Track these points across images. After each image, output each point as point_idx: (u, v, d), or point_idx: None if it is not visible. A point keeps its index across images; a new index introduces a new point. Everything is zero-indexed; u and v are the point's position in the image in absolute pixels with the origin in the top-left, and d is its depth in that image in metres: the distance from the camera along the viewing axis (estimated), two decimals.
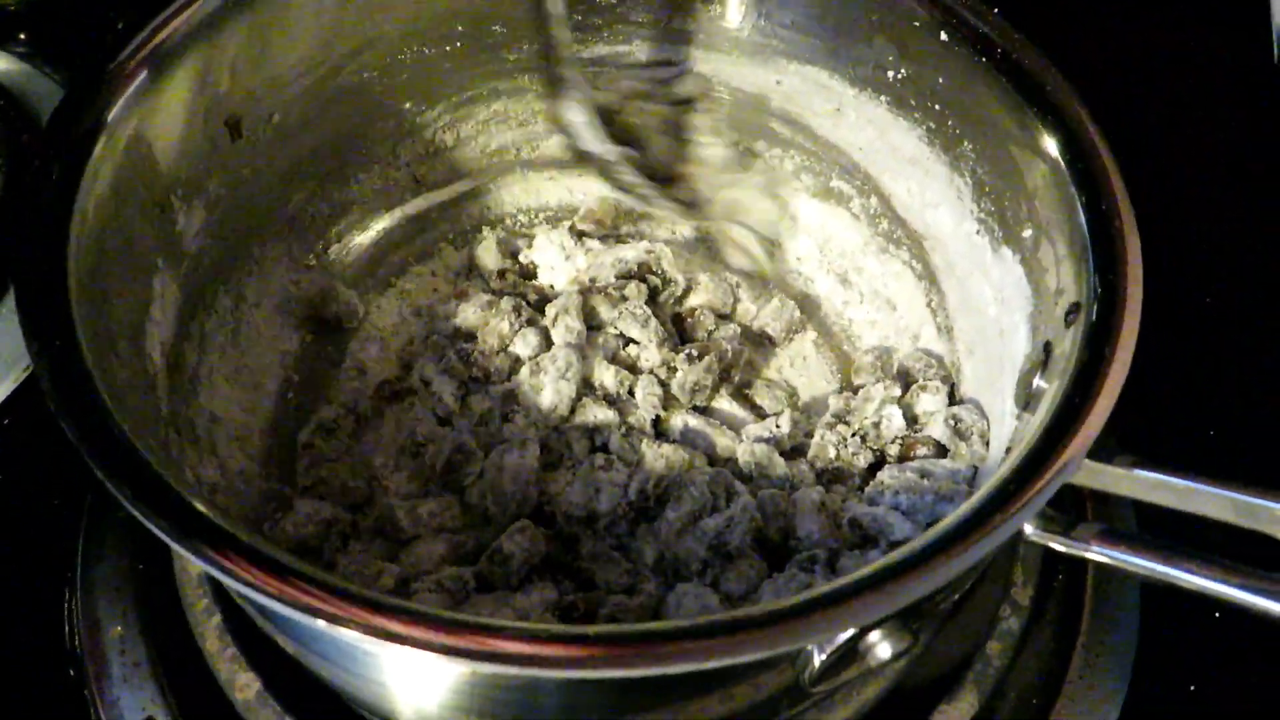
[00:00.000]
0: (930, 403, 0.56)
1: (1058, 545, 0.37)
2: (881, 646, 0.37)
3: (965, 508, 0.37)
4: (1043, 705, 0.53)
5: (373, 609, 0.33)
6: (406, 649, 0.33)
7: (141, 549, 0.54)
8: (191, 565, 0.53)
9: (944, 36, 0.53)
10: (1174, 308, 0.67)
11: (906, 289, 0.63)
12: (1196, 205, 0.75)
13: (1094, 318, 0.42)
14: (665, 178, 0.63)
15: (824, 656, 0.37)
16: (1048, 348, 0.46)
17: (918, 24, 0.54)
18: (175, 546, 0.33)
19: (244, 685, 0.50)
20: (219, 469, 0.53)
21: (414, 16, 0.60)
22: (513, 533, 0.50)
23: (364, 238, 0.66)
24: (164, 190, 0.51)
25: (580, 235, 0.67)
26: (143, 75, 0.48)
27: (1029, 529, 0.37)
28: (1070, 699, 0.53)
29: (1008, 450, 0.45)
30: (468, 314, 0.62)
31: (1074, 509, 0.59)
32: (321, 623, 0.32)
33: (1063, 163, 0.47)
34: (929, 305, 0.61)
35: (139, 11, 0.50)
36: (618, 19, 0.63)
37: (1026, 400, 0.47)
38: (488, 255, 0.65)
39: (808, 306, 0.66)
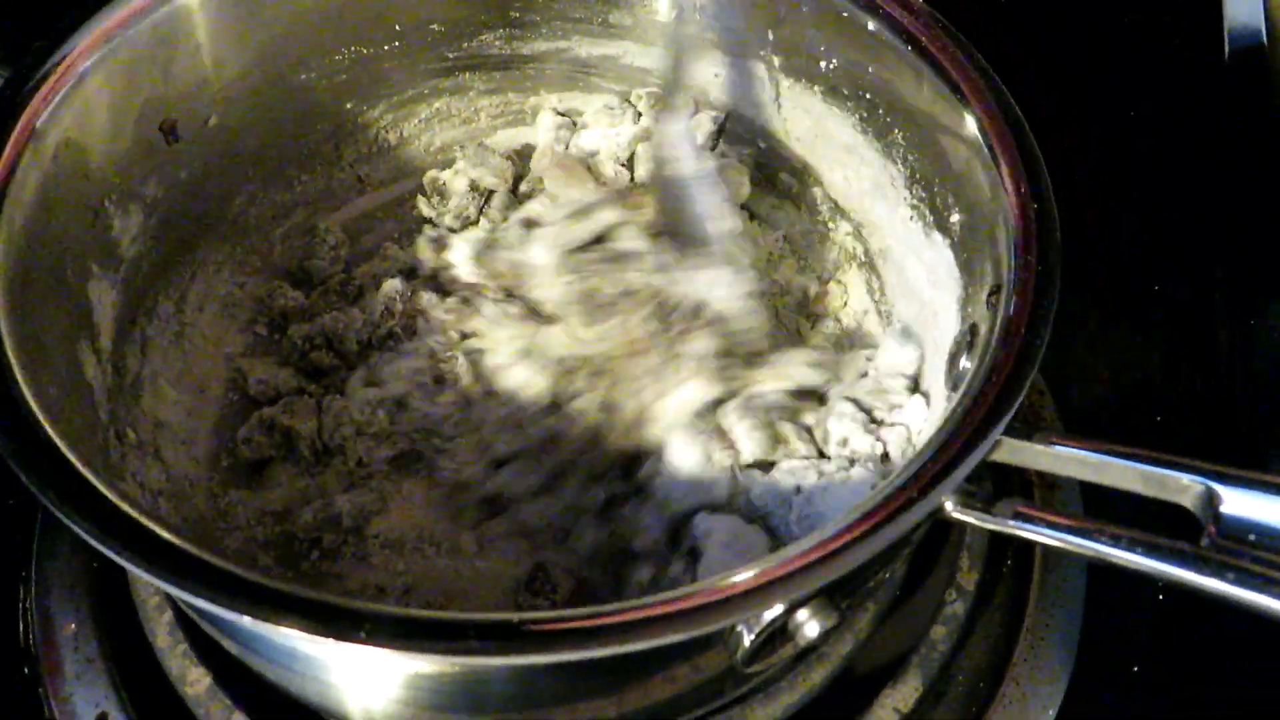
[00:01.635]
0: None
1: (978, 521, 0.38)
2: (810, 624, 0.38)
3: (885, 486, 0.38)
4: (989, 688, 0.54)
5: (300, 603, 0.34)
6: (344, 645, 0.34)
7: (94, 548, 0.54)
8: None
9: (871, 26, 0.54)
10: (1102, 289, 0.70)
11: (849, 273, 0.64)
12: (1136, 197, 0.76)
13: (1012, 299, 0.43)
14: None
15: (753, 636, 0.38)
16: (973, 329, 0.47)
17: (845, 14, 0.55)
18: (97, 547, 0.34)
19: (194, 680, 0.50)
20: (164, 474, 0.53)
21: (349, 17, 0.60)
22: None
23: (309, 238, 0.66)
24: (97, 196, 0.51)
25: None
26: (71, 81, 0.48)
27: (950, 506, 0.38)
28: (1015, 681, 0.54)
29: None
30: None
31: (1021, 492, 0.60)
32: (247, 619, 0.33)
33: (986, 149, 0.48)
34: (869, 289, 0.62)
35: (65, 13, 0.50)
36: (556, 15, 0.64)
37: (955, 381, 0.48)
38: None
39: None
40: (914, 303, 0.57)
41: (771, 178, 0.66)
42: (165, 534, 0.34)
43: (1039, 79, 0.56)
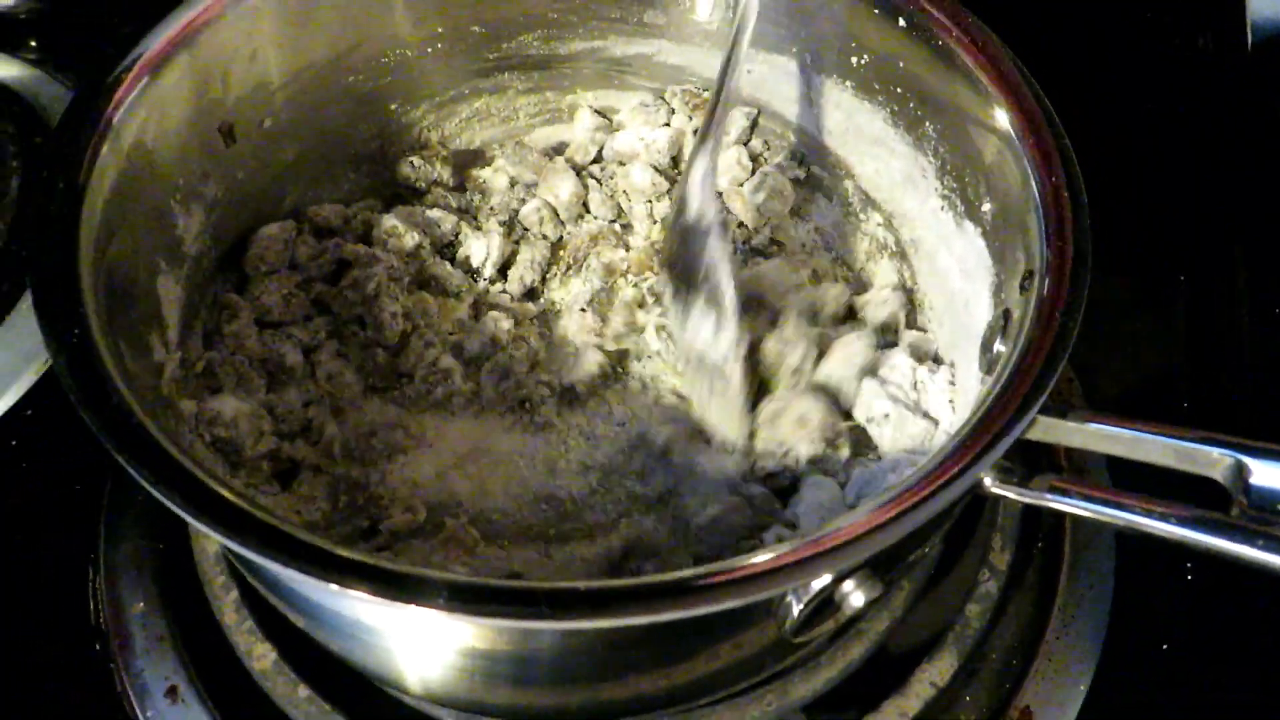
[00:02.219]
0: None
1: (1015, 495, 0.40)
2: (855, 595, 0.40)
3: (927, 463, 0.40)
4: (1022, 664, 0.56)
5: (376, 574, 0.36)
6: (401, 606, 0.36)
7: (160, 530, 0.58)
8: (209, 543, 0.56)
9: (901, 23, 0.56)
10: (1126, 276, 0.72)
11: (880, 265, 0.66)
12: (1162, 186, 0.78)
13: (1045, 285, 0.44)
14: None
15: (802, 605, 0.40)
16: (1007, 314, 0.49)
17: (877, 11, 0.57)
18: (196, 524, 0.36)
19: (261, 655, 0.52)
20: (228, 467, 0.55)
21: (395, 22, 0.62)
22: None
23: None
24: (164, 195, 0.53)
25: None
26: (142, 82, 0.50)
27: (989, 481, 0.40)
28: (1047, 658, 0.56)
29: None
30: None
31: (1051, 469, 0.62)
32: (333, 586, 0.35)
33: (1016, 139, 0.50)
34: (900, 279, 0.64)
35: (141, 18, 0.52)
36: (592, 15, 0.66)
37: (989, 365, 0.50)
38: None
39: None
40: (945, 290, 0.59)
41: (804, 170, 0.68)
42: (256, 511, 0.36)
43: (1063, 69, 0.57)
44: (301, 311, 0.60)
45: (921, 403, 0.56)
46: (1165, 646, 0.58)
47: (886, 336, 0.61)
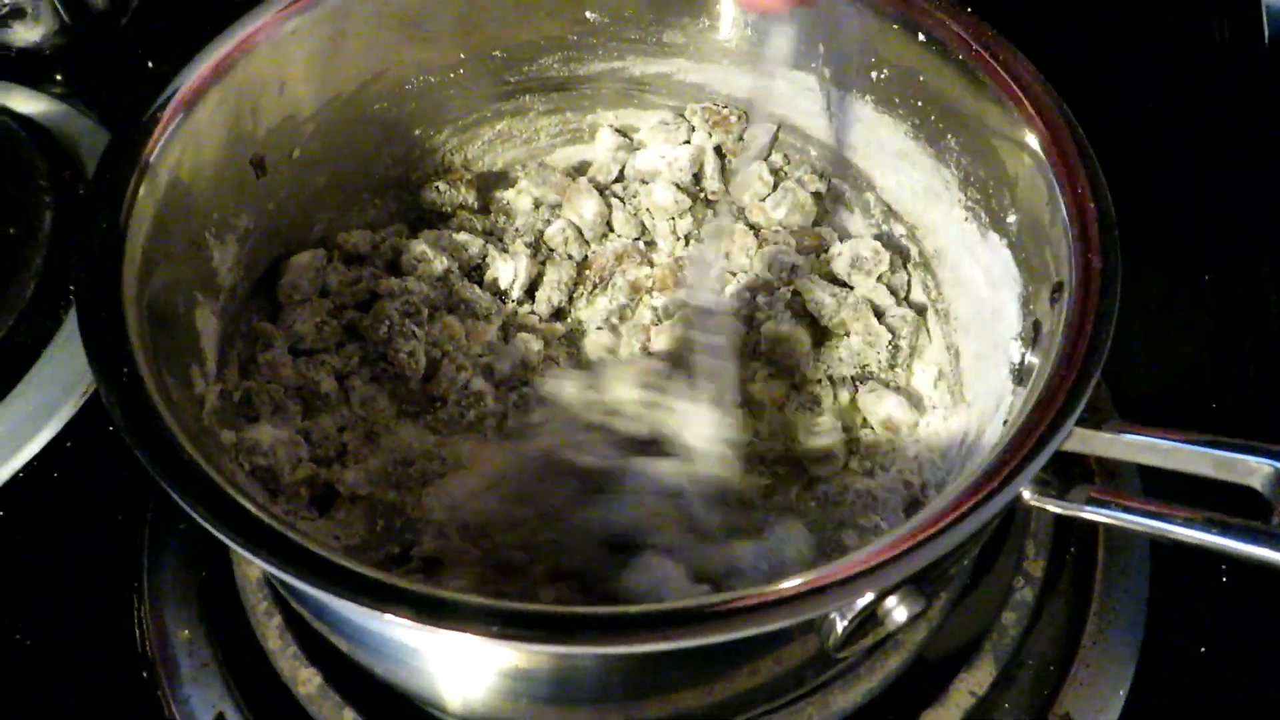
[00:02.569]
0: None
1: (1054, 508, 0.40)
2: (898, 610, 0.40)
3: (965, 478, 0.40)
4: (1059, 671, 0.56)
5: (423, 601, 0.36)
6: (456, 634, 0.36)
7: (202, 558, 0.58)
8: (251, 569, 0.57)
9: (921, 38, 0.56)
10: (1152, 278, 0.72)
11: (902, 274, 0.66)
12: (1182, 184, 0.78)
13: (1075, 296, 0.45)
14: None
15: (845, 622, 0.40)
16: (1037, 325, 0.49)
17: (897, 27, 0.57)
18: (252, 558, 0.37)
19: (306, 680, 0.53)
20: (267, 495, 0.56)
21: (418, 48, 0.63)
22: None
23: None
24: (199, 228, 0.54)
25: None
26: (177, 120, 0.51)
27: (1027, 494, 0.40)
28: (1085, 664, 0.56)
29: (1005, 421, 0.49)
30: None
31: (1082, 479, 0.62)
32: (386, 616, 0.36)
33: (1040, 151, 0.50)
34: (924, 289, 0.64)
35: (162, 51, 0.53)
36: (612, 36, 0.67)
37: (1020, 376, 0.50)
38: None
39: None
40: (971, 300, 0.59)
41: (824, 184, 0.68)
42: (308, 543, 0.37)
43: (1078, 65, 0.57)
44: (334, 339, 0.61)
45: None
46: (1203, 649, 0.58)
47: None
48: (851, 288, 0.64)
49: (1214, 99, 0.83)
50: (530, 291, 0.67)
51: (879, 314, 0.63)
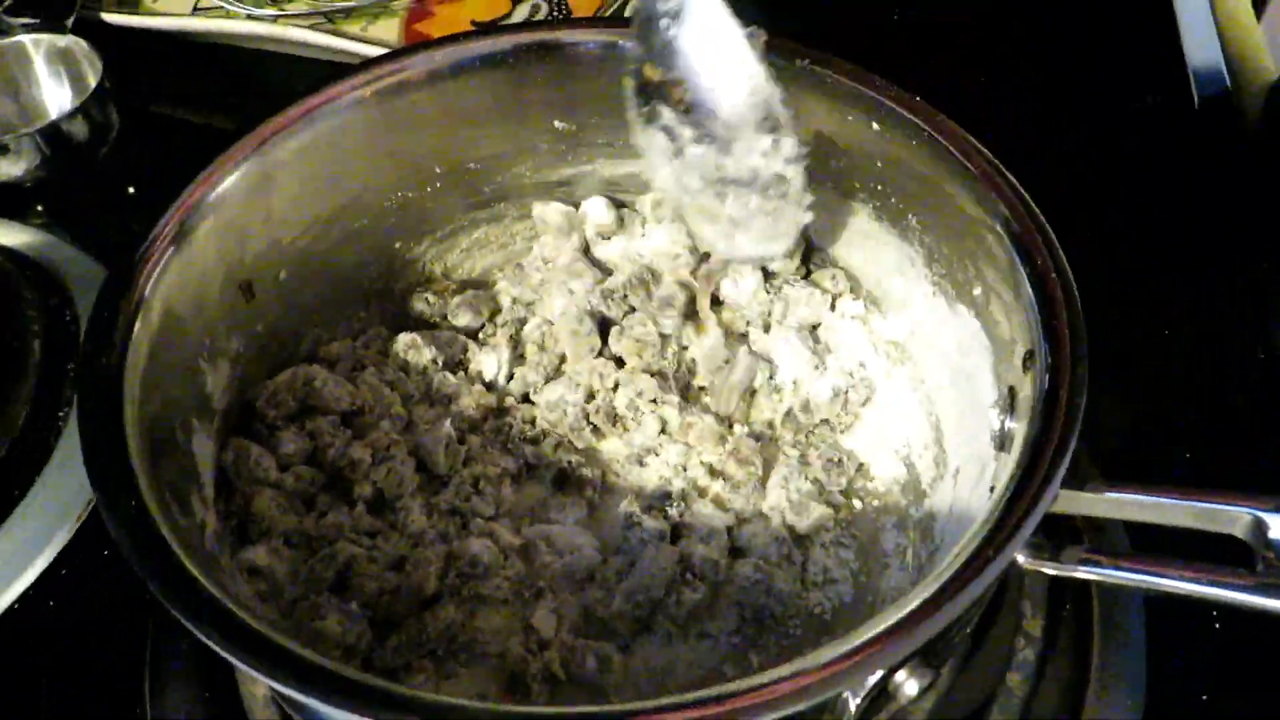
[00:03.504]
0: None
1: (1049, 570, 0.42)
2: (909, 684, 0.41)
3: (961, 546, 0.41)
4: None
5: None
6: None
7: (206, 679, 0.58)
8: (257, 688, 0.56)
9: (875, 126, 0.59)
10: (1123, 339, 0.74)
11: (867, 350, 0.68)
12: (1132, 245, 0.81)
13: (1047, 363, 0.47)
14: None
15: (859, 701, 0.41)
16: (1012, 391, 0.51)
17: (850, 118, 0.60)
18: (269, 681, 0.37)
19: None
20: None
21: (398, 168, 0.66)
22: None
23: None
24: (193, 355, 0.55)
25: None
26: (169, 252, 0.53)
27: (1022, 559, 0.42)
28: None
29: (991, 489, 0.50)
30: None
31: (1069, 535, 0.63)
32: None
33: (999, 226, 0.53)
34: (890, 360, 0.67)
35: (138, 182, 0.55)
36: (580, 143, 0.69)
37: (1001, 441, 0.52)
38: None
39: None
40: (948, 366, 0.61)
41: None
42: (315, 658, 0.38)
43: (1027, 145, 0.61)
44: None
45: None
46: (1205, 697, 0.59)
47: None
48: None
49: (1153, 163, 0.87)
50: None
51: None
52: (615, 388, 0.67)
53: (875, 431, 0.66)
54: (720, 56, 0.57)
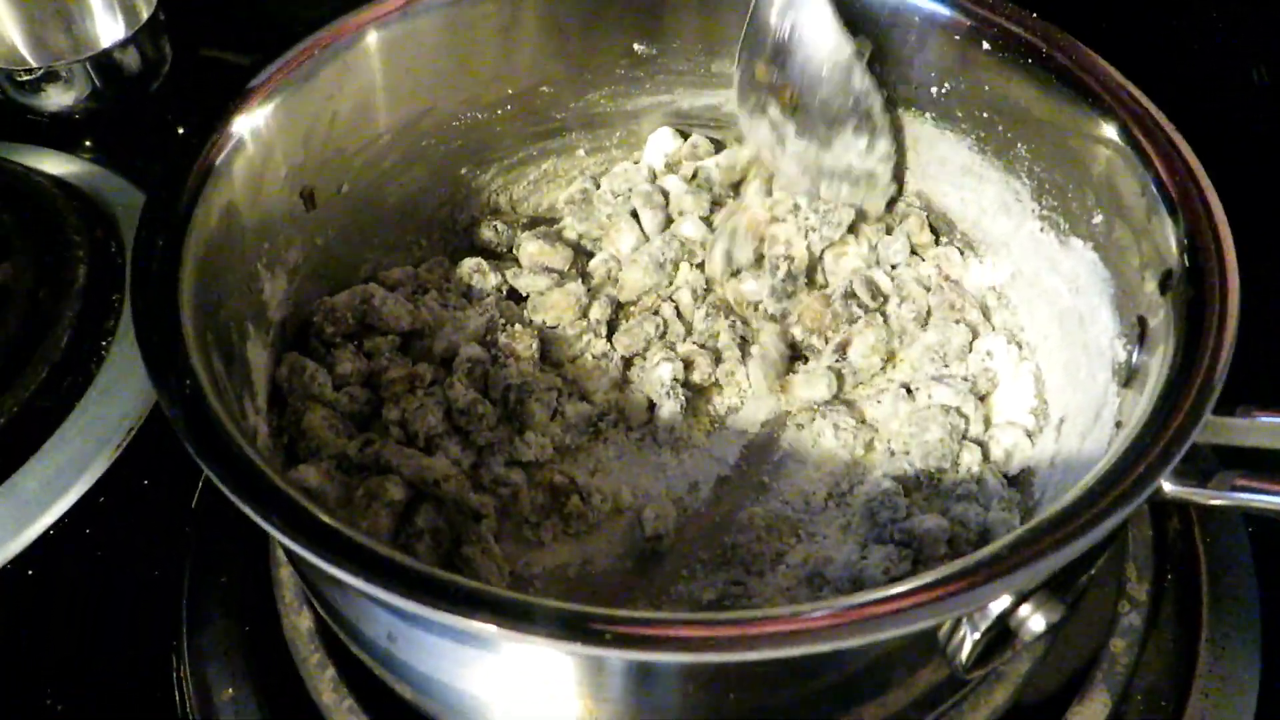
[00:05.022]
0: None
1: (1199, 498, 0.37)
2: (1035, 619, 0.37)
3: (1101, 467, 0.37)
4: (1176, 701, 0.52)
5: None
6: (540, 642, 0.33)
7: (246, 611, 0.54)
8: (302, 620, 0.53)
9: (986, 46, 0.55)
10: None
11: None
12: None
13: (1189, 282, 0.42)
14: None
15: (978, 635, 0.36)
16: (1141, 322, 0.47)
17: (958, 38, 0.56)
18: (335, 570, 0.33)
19: None
20: None
21: (468, 83, 0.62)
22: None
23: None
24: (252, 259, 0.52)
25: None
26: (229, 149, 0.50)
27: (1168, 486, 0.37)
28: (1204, 694, 0.53)
29: (1117, 424, 0.46)
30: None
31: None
32: (486, 624, 0.32)
33: (1127, 144, 0.49)
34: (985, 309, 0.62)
35: (189, 112, 0.52)
36: (661, 69, 0.66)
37: (1127, 377, 0.47)
38: None
39: None
40: (1054, 310, 0.56)
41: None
42: (387, 552, 0.34)
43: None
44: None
45: None
46: None
47: None
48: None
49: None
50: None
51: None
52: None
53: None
54: (829, 65, 0.58)
